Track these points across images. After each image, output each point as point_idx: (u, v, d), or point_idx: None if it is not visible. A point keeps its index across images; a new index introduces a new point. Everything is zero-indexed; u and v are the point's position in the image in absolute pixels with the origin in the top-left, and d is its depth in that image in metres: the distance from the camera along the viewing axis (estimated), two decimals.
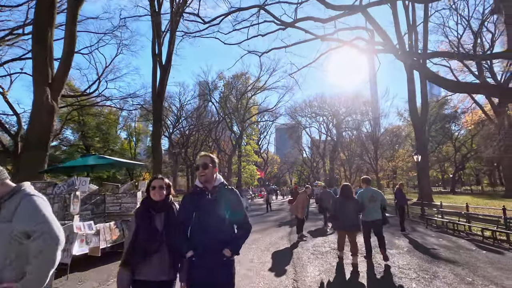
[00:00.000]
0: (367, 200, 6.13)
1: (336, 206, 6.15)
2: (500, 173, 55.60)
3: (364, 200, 6.15)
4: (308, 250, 7.44)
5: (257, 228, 11.78)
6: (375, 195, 6.17)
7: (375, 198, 6.12)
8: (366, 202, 6.12)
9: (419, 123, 20.85)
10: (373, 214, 6.09)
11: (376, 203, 6.10)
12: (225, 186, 2.46)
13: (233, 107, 41.86)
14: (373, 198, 6.12)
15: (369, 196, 6.15)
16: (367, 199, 6.13)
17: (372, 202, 6.09)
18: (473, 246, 7.96)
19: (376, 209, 6.10)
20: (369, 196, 6.15)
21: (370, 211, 6.10)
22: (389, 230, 10.71)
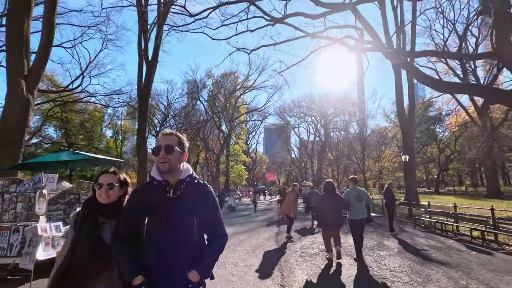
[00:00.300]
0: (353, 199, 6.18)
1: (319, 202, 6.29)
2: (481, 174, 57.13)
3: (350, 199, 6.20)
4: (296, 252, 7.08)
5: (244, 228, 11.39)
6: (361, 195, 6.22)
7: (361, 198, 6.18)
8: (353, 201, 6.17)
9: (406, 124, 20.90)
10: (359, 213, 6.15)
11: (361, 203, 6.17)
12: (194, 180, 1.76)
13: (221, 106, 41.30)
14: (359, 198, 6.17)
15: (355, 195, 6.21)
16: (353, 198, 6.18)
17: (358, 201, 6.16)
18: (462, 246, 7.79)
19: (362, 208, 6.17)
20: (355, 195, 6.20)
21: (356, 210, 6.15)
22: (378, 230, 10.52)
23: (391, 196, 10.03)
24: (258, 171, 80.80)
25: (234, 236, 9.42)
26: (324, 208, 6.09)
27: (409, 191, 20.00)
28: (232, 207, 20.24)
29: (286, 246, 7.85)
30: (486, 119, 28.56)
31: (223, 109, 40.49)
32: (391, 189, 10.18)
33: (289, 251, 7.26)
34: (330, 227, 6.15)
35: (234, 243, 8.28)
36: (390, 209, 10.04)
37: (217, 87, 42.31)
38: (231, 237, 9.30)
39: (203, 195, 1.75)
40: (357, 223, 6.16)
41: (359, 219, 6.13)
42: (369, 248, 7.49)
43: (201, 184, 1.79)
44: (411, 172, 20.60)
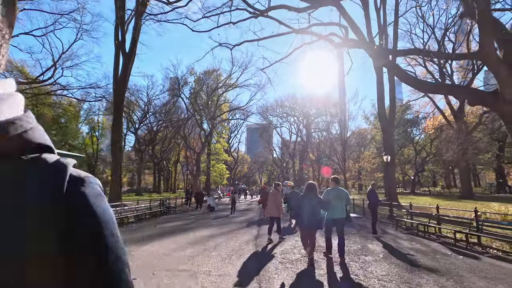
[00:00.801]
0: (333, 198, 6.16)
1: (299, 203, 6.14)
2: (454, 176, 59.23)
3: (330, 198, 6.18)
4: (276, 258, 6.46)
5: (222, 230, 10.67)
6: (341, 194, 6.25)
7: (341, 197, 6.19)
8: (333, 201, 6.14)
9: (387, 124, 20.89)
10: (338, 213, 6.13)
11: (341, 202, 6.17)
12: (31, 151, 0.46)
13: (203, 104, 40.20)
14: (339, 197, 6.18)
15: (335, 195, 6.21)
16: (333, 198, 6.17)
17: (338, 201, 6.15)
18: (447, 250, 7.46)
19: (341, 208, 6.17)
20: (335, 195, 6.21)
21: (335, 210, 6.13)
22: (361, 233, 10.10)
23: (374, 197, 9.62)
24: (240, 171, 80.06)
25: (210, 240, 8.70)
26: (303, 209, 5.96)
27: (389, 191, 19.97)
28: (211, 207, 19.43)
29: (265, 251, 7.22)
30: (462, 123, 29.31)
31: (205, 107, 39.41)
32: (374, 190, 9.76)
33: (269, 256, 6.63)
34: (308, 228, 6.00)
35: (209, 247, 7.57)
36: (374, 210, 9.63)
37: (199, 84, 41.15)
38: (207, 240, 8.58)
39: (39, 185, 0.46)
40: (335, 222, 6.17)
41: (337, 219, 6.12)
42: (354, 252, 7.00)
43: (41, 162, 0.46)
44: (391, 173, 20.61)
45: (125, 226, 12.40)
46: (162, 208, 17.53)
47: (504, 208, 12.14)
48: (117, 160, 20.04)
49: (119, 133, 20.44)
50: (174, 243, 8.25)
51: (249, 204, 25.39)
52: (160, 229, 11.16)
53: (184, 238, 9.08)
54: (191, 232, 10.20)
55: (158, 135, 53.39)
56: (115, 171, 19.97)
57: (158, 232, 10.47)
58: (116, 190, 19.67)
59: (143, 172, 75.07)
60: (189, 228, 11.23)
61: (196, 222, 13.47)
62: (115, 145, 20.18)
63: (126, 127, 54.92)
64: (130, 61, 20.96)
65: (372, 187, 9.82)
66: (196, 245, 7.91)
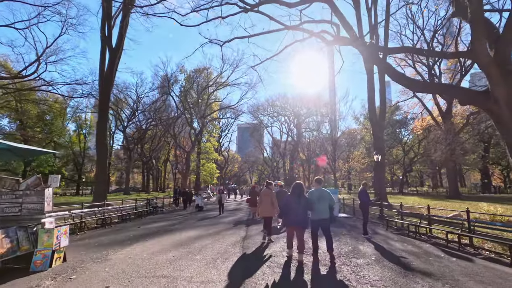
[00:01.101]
0: (316, 199, 6.16)
1: (286, 203, 6.20)
2: (441, 176, 60.14)
3: (313, 199, 6.18)
4: (263, 261, 6.08)
5: (209, 231, 10.23)
6: (324, 195, 6.20)
7: (324, 198, 6.15)
8: (316, 201, 6.14)
9: (377, 124, 20.79)
10: (322, 213, 6.11)
11: (324, 203, 6.12)
12: None
13: (193, 102, 39.51)
14: (322, 198, 6.15)
15: (318, 195, 6.20)
16: (316, 198, 6.17)
17: (321, 201, 6.12)
18: (440, 251, 7.22)
19: (325, 208, 6.11)
20: (318, 196, 6.20)
21: (319, 210, 6.11)
22: (351, 233, 9.82)
23: (366, 197, 9.34)
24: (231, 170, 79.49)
25: (196, 241, 8.25)
26: (289, 208, 6.04)
27: (379, 191, 19.88)
28: (199, 206, 18.93)
29: (253, 254, 6.83)
30: (451, 123, 29.58)
31: (195, 105, 38.74)
32: (366, 190, 9.48)
33: (256, 260, 6.24)
34: (294, 227, 6.08)
35: (193, 250, 7.13)
36: (365, 211, 9.35)
37: (189, 83, 40.43)
38: (192, 242, 8.13)
39: None
40: (319, 222, 6.17)
41: (321, 219, 6.11)
42: (345, 255, 6.67)
43: None
44: (382, 172, 20.52)
45: (107, 227, 11.83)
46: (149, 208, 16.95)
47: (493, 208, 12.08)
48: (103, 158, 19.32)
49: (104, 130, 19.72)
50: (157, 245, 7.77)
51: (238, 204, 24.97)
52: (144, 230, 10.64)
53: (169, 239, 8.60)
54: (177, 233, 9.73)
55: (148, 133, 52.36)
56: (101, 170, 19.25)
57: (142, 233, 9.96)
58: (101, 189, 18.97)
59: (132, 171, 73.70)
60: (174, 229, 10.74)
61: (183, 222, 12.97)
62: (100, 143, 19.46)
63: (115, 125, 53.74)
64: (116, 57, 20.27)
65: (363, 186, 9.54)
66: (180, 247, 7.45)
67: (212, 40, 17.92)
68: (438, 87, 11.94)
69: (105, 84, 19.62)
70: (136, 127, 50.94)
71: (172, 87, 40.99)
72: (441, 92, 12.67)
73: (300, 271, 5.38)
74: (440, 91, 11.68)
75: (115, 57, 20.12)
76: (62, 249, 6.01)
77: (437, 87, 11.89)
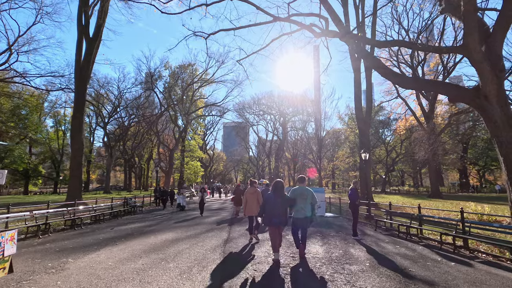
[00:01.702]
0: (299, 198, 6.08)
1: (265, 201, 6.03)
2: (421, 175, 61.34)
3: (296, 197, 6.11)
4: (246, 270, 5.30)
5: (188, 233, 9.35)
6: (306, 193, 6.11)
7: (305, 196, 6.07)
8: (298, 200, 6.07)
9: (364, 122, 20.45)
10: (303, 212, 6.04)
11: (306, 201, 6.05)
12: None
13: (178, 99, 38.17)
14: (304, 196, 6.07)
15: (300, 194, 6.12)
16: (299, 197, 6.09)
17: (303, 200, 6.05)
18: (435, 255, 6.69)
19: (306, 207, 6.05)
20: (300, 194, 6.12)
21: (301, 209, 6.04)
22: (340, 234, 9.20)
23: (356, 196, 8.73)
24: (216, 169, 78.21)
25: (171, 246, 7.37)
26: (269, 207, 5.85)
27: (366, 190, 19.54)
28: (181, 206, 17.93)
29: (234, 260, 6.04)
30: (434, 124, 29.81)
31: (179, 102, 37.42)
32: (356, 188, 8.87)
33: (238, 268, 5.45)
34: (276, 226, 5.91)
35: (167, 256, 6.26)
36: (355, 211, 8.74)
37: (174, 79, 39.04)
38: (168, 246, 7.25)
39: None
40: (301, 221, 6.08)
41: (303, 218, 6.04)
42: (336, 260, 5.99)
43: None
44: (368, 171, 20.19)
45: (77, 228, 10.73)
46: (126, 207, 15.82)
47: (480, 207, 11.82)
48: (78, 154, 17.98)
49: (80, 124, 18.35)
50: (127, 250, 6.85)
51: (222, 203, 24.10)
52: (116, 232, 9.63)
53: (141, 243, 7.68)
54: (152, 236, 8.79)
55: (130, 130, 50.44)
56: (75, 166, 17.90)
57: (113, 235, 8.96)
58: (75, 187, 17.64)
59: (114, 169, 71.04)
60: (150, 231, 9.79)
61: (161, 223, 12.00)
62: (75, 137, 18.12)
63: (96, 121, 51.52)
64: (94, 47, 18.94)
65: (353, 185, 8.92)
66: (153, 253, 6.56)
67: (196, 32, 16.94)
68: (429, 83, 11.57)
69: (81, 75, 18.26)
70: (118, 123, 48.91)
71: (156, 83, 39.48)
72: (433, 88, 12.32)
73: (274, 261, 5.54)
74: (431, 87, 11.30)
75: (93, 47, 18.79)
76: (7, 258, 5.01)
77: (428, 83, 11.51)
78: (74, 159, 18.05)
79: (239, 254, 6.57)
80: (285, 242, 7.64)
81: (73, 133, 18.22)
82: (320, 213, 13.92)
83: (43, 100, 46.05)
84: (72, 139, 18.49)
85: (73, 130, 18.28)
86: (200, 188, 16.18)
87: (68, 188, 18.44)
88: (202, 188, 15.58)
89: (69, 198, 17.12)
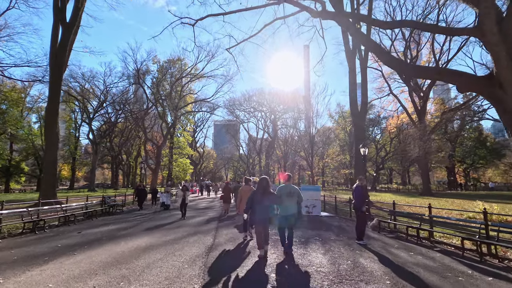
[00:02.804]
0: (285, 195, 5.99)
1: (250, 199, 5.92)
2: (409, 174, 61.17)
3: (282, 195, 6.00)
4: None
5: (167, 238, 7.89)
6: (292, 191, 6.04)
7: (292, 194, 5.99)
8: (284, 198, 5.97)
9: (359, 117, 19.35)
10: (290, 209, 5.96)
11: (292, 199, 5.96)
12: None
13: (166, 94, 36.30)
14: (290, 194, 5.99)
15: (287, 192, 6.03)
16: (285, 195, 5.99)
17: (289, 197, 5.96)
18: (461, 265, 5.46)
19: (293, 204, 5.96)
20: (286, 192, 6.03)
21: (287, 206, 5.96)
22: (342, 238, 7.91)
23: (362, 195, 7.44)
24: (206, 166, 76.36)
25: (142, 256, 5.89)
26: (254, 205, 5.79)
27: None
28: (166, 205, 16.37)
29: (217, 275, 4.62)
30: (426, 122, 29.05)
31: (168, 97, 35.57)
32: (363, 186, 7.56)
33: (221, 285, 4.05)
34: (262, 224, 5.80)
35: (133, 271, 4.79)
36: (362, 212, 7.43)
37: (162, 73, 37.12)
38: (137, 257, 5.77)
39: None
40: (286, 219, 5.99)
41: (289, 215, 5.95)
42: (347, 276, 4.65)
43: None
44: (363, 168, 19.09)
45: (40, 232, 9.10)
46: (104, 207, 14.17)
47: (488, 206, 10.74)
48: (52, 149, 16.18)
49: (55, 115, 16.51)
50: (84, 263, 5.34)
51: (210, 202, 22.59)
52: (83, 237, 8.08)
53: (105, 252, 6.18)
54: (122, 242, 7.29)
55: (117, 126, 48.14)
56: (49, 162, 16.10)
57: (76, 241, 7.42)
58: (49, 185, 15.84)
59: (101, 166, 68.32)
60: (123, 235, 8.27)
61: (139, 225, 10.46)
62: (49, 130, 16.32)
63: (81, 117, 48.98)
64: (71, 33, 17.14)
65: (359, 182, 7.63)
66: (115, 267, 5.08)
67: (182, 18, 15.44)
68: (434, 71, 10.44)
69: (57, 62, 16.43)
70: (104, 119, 46.57)
71: (143, 77, 37.44)
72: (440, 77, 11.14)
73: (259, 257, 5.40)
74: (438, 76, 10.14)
75: (70, 33, 16.96)
76: None
77: (433, 71, 10.40)
78: (48, 155, 16.23)
79: (224, 267, 5.15)
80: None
81: (47, 127, 16.39)
82: (315, 212, 12.67)
83: (25, 94, 43.40)
84: (46, 133, 16.68)
85: (47, 123, 16.45)
86: (182, 186, 12.85)
87: (41, 186, 16.61)
88: (184, 186, 12.70)
89: (42, 197, 15.32)
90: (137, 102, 44.49)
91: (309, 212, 12.62)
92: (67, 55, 17.28)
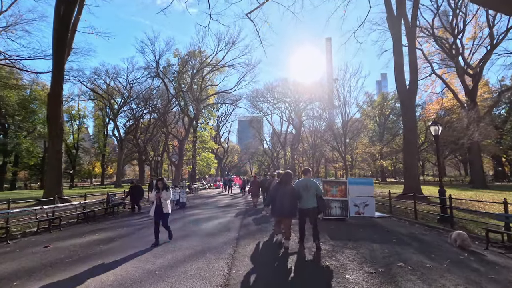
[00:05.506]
0: (302, 189, 5.73)
1: (273, 193, 5.81)
2: (444, 164, 54.67)
3: (299, 189, 5.74)
4: None
5: (154, 265, 4.86)
6: (309, 184, 5.72)
7: (309, 188, 5.69)
8: (302, 191, 5.71)
9: (408, 94, 15.37)
10: (308, 203, 5.65)
11: (310, 192, 5.67)
12: None
13: (187, 87, 33.82)
14: (307, 188, 5.69)
15: (304, 185, 5.74)
16: (302, 189, 5.73)
17: (306, 191, 5.68)
18: None
19: (311, 198, 5.67)
20: (303, 186, 5.74)
21: (305, 200, 5.67)
22: (434, 258, 4.39)
23: None
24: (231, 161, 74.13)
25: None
26: (276, 198, 5.65)
27: (410, 180, 14.59)
28: (181, 203, 13.58)
29: None
30: (476, 105, 24.07)
31: (189, 89, 33.04)
32: None
33: None
34: (283, 217, 5.69)
35: None
36: None
37: (182, 66, 34.64)
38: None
39: None
40: (305, 212, 5.68)
41: (307, 209, 5.63)
42: None
43: None
44: (413, 156, 15.17)
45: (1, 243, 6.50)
46: (108, 206, 11.59)
47: None
48: (56, 141, 13.92)
49: (58, 101, 14.21)
50: None
51: (233, 198, 19.56)
52: (41, 257, 5.31)
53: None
54: (88, 272, 4.36)
55: (142, 122, 46.79)
56: (53, 155, 13.86)
57: (22, 266, 4.63)
58: (53, 181, 13.59)
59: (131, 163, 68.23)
60: (97, 255, 5.36)
61: (130, 235, 7.52)
62: (53, 118, 14.08)
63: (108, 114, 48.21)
64: (72, 11, 14.72)
65: None
66: None
67: None
68: None
69: (58, 43, 14.12)
70: (127, 116, 45.38)
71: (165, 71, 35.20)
72: None
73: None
74: None
75: (71, 11, 14.57)
76: None
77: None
78: (51, 147, 14.00)
79: None
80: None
81: (51, 115, 14.13)
82: (368, 213, 9.18)
83: None
84: (48, 123, 14.41)
85: (50, 111, 14.20)
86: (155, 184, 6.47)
87: (45, 182, 14.49)
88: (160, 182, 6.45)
89: (46, 194, 13.12)
90: (161, 97, 42.67)
91: (360, 213, 9.16)
92: (70, 36, 14.94)
